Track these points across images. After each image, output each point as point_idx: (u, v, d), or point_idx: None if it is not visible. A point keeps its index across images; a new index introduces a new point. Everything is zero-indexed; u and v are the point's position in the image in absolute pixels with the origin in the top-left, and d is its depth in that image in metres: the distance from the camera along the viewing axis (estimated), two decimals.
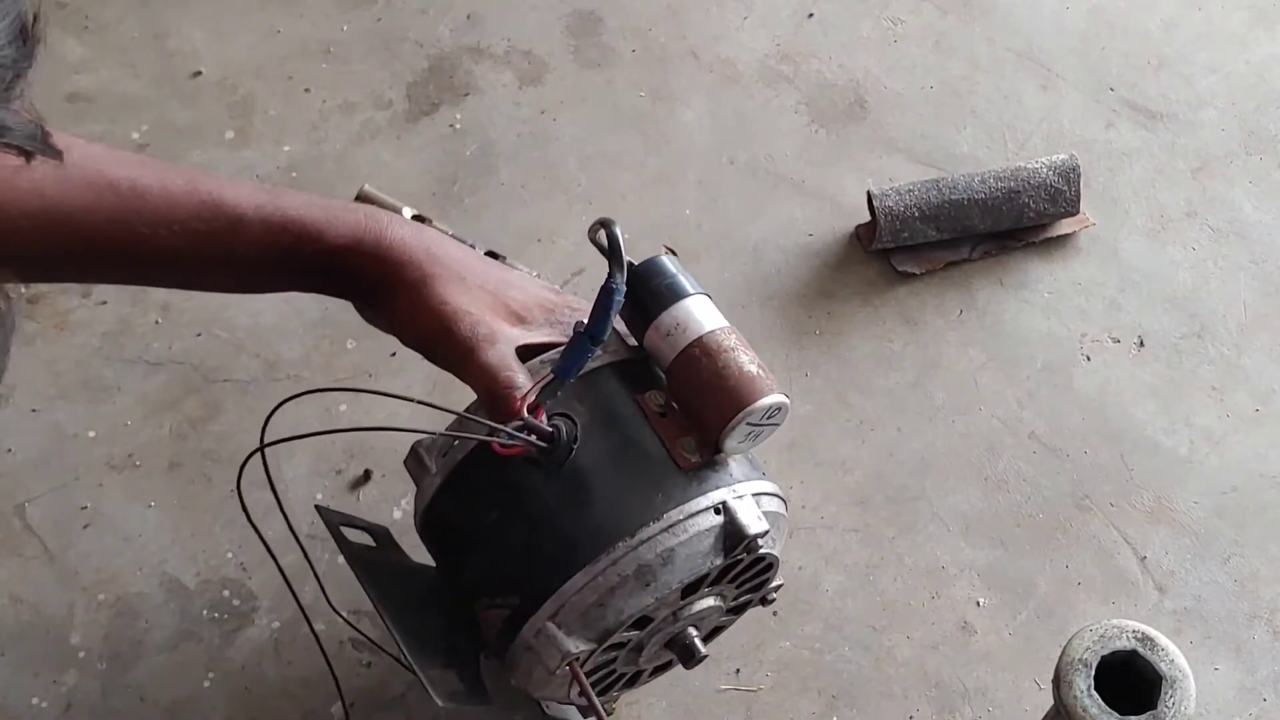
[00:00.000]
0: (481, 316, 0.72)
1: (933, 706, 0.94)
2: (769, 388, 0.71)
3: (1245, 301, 1.15)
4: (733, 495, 0.72)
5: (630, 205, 1.18)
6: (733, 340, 0.73)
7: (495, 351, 0.71)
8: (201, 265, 0.71)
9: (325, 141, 1.20)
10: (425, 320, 0.71)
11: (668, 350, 0.73)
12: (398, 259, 0.72)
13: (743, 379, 0.71)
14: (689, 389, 0.72)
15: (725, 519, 0.71)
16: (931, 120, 1.25)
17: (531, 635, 0.70)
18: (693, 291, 0.75)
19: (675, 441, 0.72)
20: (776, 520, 0.75)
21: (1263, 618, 0.98)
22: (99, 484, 1.00)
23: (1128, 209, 1.20)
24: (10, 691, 0.91)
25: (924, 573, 0.99)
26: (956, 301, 1.13)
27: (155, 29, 1.26)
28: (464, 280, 0.72)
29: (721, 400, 0.71)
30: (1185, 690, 0.74)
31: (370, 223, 0.72)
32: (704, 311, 0.74)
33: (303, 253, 0.70)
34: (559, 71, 1.26)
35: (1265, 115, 1.27)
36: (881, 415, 1.07)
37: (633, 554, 0.69)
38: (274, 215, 0.70)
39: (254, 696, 0.92)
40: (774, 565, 0.76)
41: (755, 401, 0.70)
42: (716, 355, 0.72)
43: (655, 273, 0.75)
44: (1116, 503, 1.03)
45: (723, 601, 0.77)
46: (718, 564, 0.71)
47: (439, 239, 0.75)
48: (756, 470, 0.76)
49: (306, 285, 0.74)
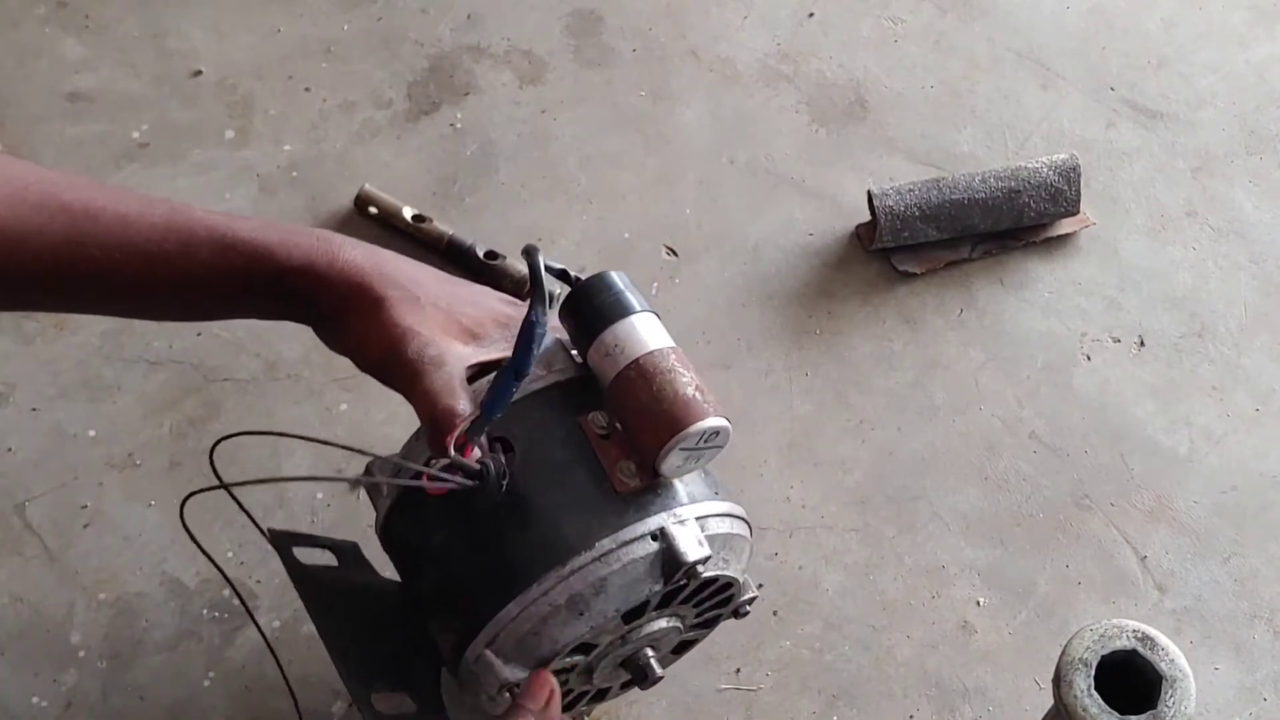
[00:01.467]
0: (431, 337, 0.70)
1: (933, 706, 0.94)
2: (705, 411, 0.69)
3: (1245, 301, 1.15)
4: (673, 520, 0.69)
5: (630, 205, 1.18)
6: (671, 361, 0.71)
7: (440, 376, 0.69)
8: (155, 290, 0.70)
9: (325, 141, 1.20)
10: (376, 343, 0.70)
11: (608, 370, 0.71)
12: (351, 281, 0.71)
13: (678, 402, 0.69)
14: (626, 411, 0.71)
15: (663, 545, 0.68)
16: (932, 120, 1.25)
17: (472, 661, 0.69)
18: (638, 309, 0.72)
19: (615, 465, 0.70)
20: (729, 541, 0.73)
21: (1263, 617, 0.98)
22: (99, 483, 1.00)
23: (1128, 208, 1.20)
24: (10, 691, 0.91)
25: (924, 572, 0.99)
26: (957, 301, 1.13)
27: (155, 28, 1.26)
28: (418, 300, 0.71)
29: (657, 424, 0.69)
30: (1185, 690, 0.74)
31: (323, 245, 0.71)
32: (646, 330, 0.72)
33: (256, 275, 0.70)
34: (559, 71, 1.27)
35: (1265, 115, 1.27)
36: (881, 415, 1.07)
37: (564, 584, 0.67)
38: (226, 236, 0.69)
39: (254, 696, 0.92)
40: (734, 585, 0.74)
41: (690, 426, 0.68)
42: (653, 378, 0.70)
43: (600, 289, 0.73)
44: (1116, 502, 1.03)
45: (680, 622, 0.75)
46: (656, 590, 0.69)
47: (393, 259, 0.74)
48: (710, 489, 0.73)
49: (264, 310, 0.73)
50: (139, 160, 1.17)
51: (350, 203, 1.15)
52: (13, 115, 1.19)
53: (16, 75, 1.22)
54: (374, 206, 1.14)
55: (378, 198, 1.14)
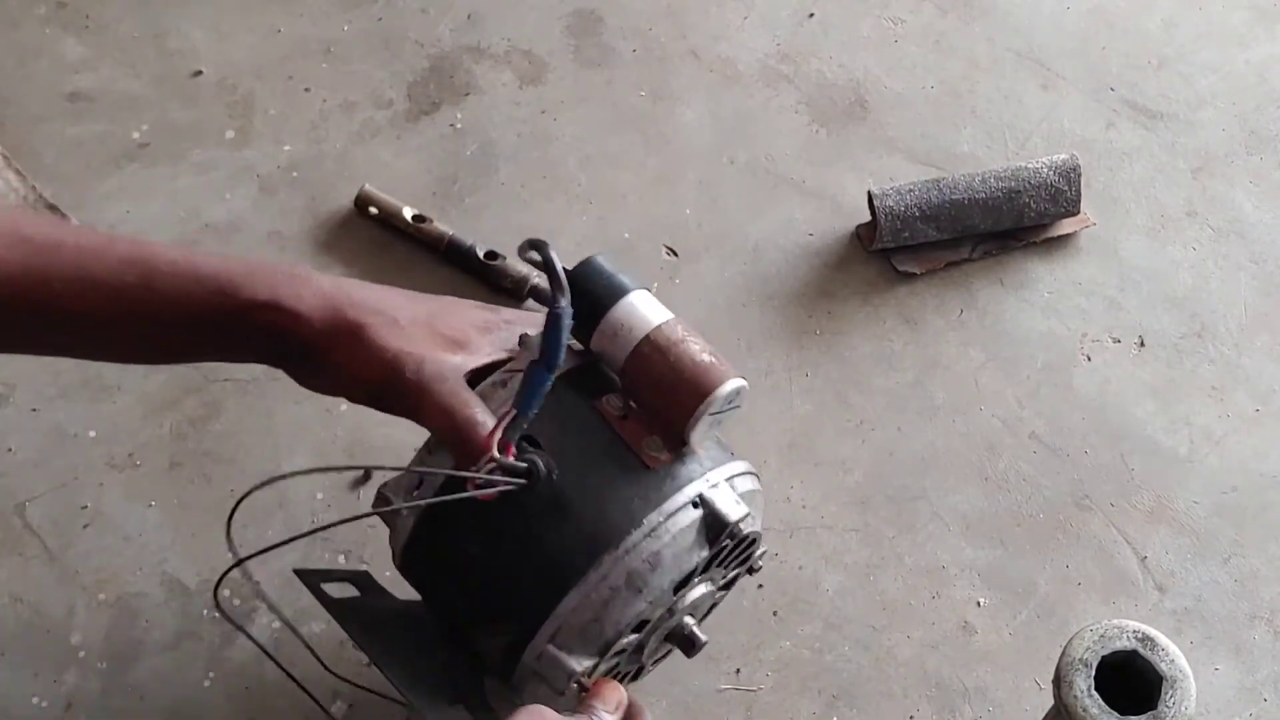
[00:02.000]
0: (423, 354, 0.70)
1: (933, 706, 0.94)
2: (725, 373, 0.71)
3: (1245, 301, 1.15)
4: (708, 485, 0.71)
5: (630, 205, 1.18)
6: (680, 331, 0.72)
7: (447, 389, 0.69)
8: (117, 326, 0.69)
9: (325, 141, 1.20)
10: (367, 372, 0.70)
11: (618, 351, 0.72)
12: (326, 313, 0.70)
13: (698, 370, 0.70)
14: (646, 388, 0.72)
15: (705, 511, 0.71)
16: (932, 120, 1.25)
17: (534, 660, 0.70)
18: (633, 287, 0.73)
19: (641, 442, 0.71)
20: (753, 497, 0.75)
21: (1263, 617, 0.98)
22: (99, 484, 1.00)
23: (1128, 209, 1.20)
24: (10, 691, 0.91)
25: (924, 572, 0.99)
26: (957, 301, 1.13)
27: (155, 28, 1.26)
28: (396, 322, 0.71)
29: (681, 395, 0.70)
30: (1185, 690, 0.74)
31: (289, 278, 0.70)
32: (647, 306, 0.73)
33: (220, 310, 0.68)
34: (559, 71, 1.27)
35: (1265, 115, 1.27)
36: (881, 415, 1.07)
37: (621, 564, 0.68)
38: (188, 270, 0.68)
39: (254, 696, 0.92)
40: (757, 539, 0.76)
41: (714, 391, 0.70)
42: (668, 350, 0.71)
43: (592, 275, 0.73)
44: (1117, 502, 1.03)
45: (713, 585, 0.77)
46: (705, 556, 0.71)
47: (361, 286, 0.73)
48: (725, 452, 0.75)
49: (233, 349, 0.72)
50: (139, 160, 1.17)
51: (350, 203, 1.15)
52: (13, 115, 1.19)
53: (16, 75, 1.22)
54: (374, 206, 1.14)
55: (378, 198, 1.14)
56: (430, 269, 1.12)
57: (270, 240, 1.13)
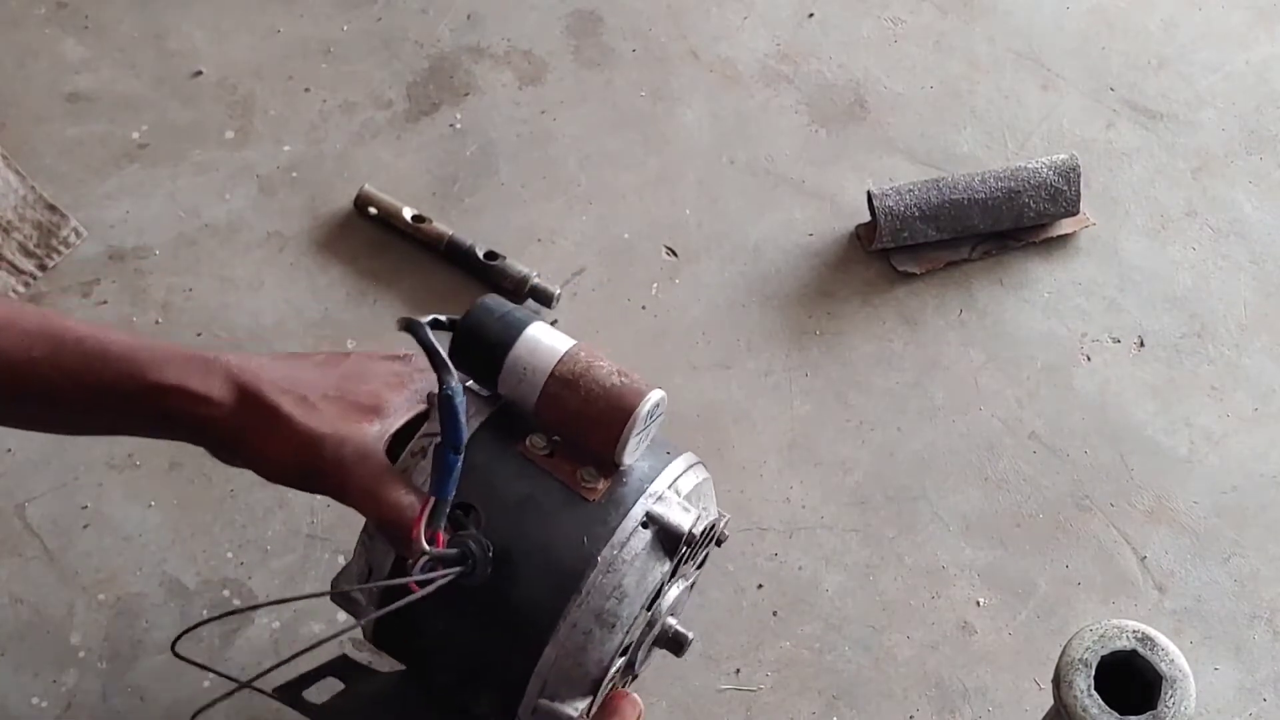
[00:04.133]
0: (339, 434, 0.68)
1: (933, 706, 0.94)
2: (639, 391, 0.69)
3: (1245, 301, 1.15)
4: (652, 500, 0.70)
5: (630, 205, 1.18)
6: (583, 359, 0.70)
7: (368, 472, 0.68)
8: (24, 399, 0.68)
9: (325, 141, 1.20)
10: (284, 456, 0.68)
11: (528, 393, 0.70)
12: (236, 399, 0.68)
13: (610, 396, 0.69)
14: (565, 423, 0.70)
15: (656, 527, 0.70)
16: (931, 120, 1.25)
17: (530, 717, 0.70)
18: (527, 323, 0.71)
19: (575, 476, 0.70)
20: (700, 489, 0.74)
21: (1263, 618, 0.98)
22: (99, 484, 1.00)
23: (1128, 209, 1.20)
24: (10, 691, 0.91)
25: (924, 573, 0.99)
26: (957, 301, 1.13)
27: (155, 29, 1.26)
28: (306, 400, 0.69)
29: (601, 425, 0.69)
30: (1185, 690, 0.74)
31: (197, 363, 0.68)
32: (545, 340, 0.71)
33: (128, 391, 0.67)
34: (559, 71, 1.27)
35: (1265, 115, 1.27)
36: (881, 415, 1.07)
37: (587, 607, 0.68)
38: (95, 350, 0.67)
39: (255, 697, 0.92)
40: (717, 524, 0.76)
41: (632, 413, 0.69)
42: (576, 384, 0.69)
43: (484, 319, 0.71)
44: (1116, 503, 1.03)
45: (686, 580, 0.77)
46: (667, 569, 0.70)
47: (268, 363, 0.70)
48: (661, 455, 0.74)
49: (145, 428, 0.70)
50: (139, 160, 1.17)
51: (350, 203, 1.15)
52: (13, 115, 1.19)
53: (16, 75, 1.22)
54: (374, 207, 1.14)
55: (378, 198, 1.14)
56: (430, 269, 1.12)
57: (270, 240, 1.13)
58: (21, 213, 1.11)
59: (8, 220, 1.10)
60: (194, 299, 1.10)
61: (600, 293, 1.13)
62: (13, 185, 1.12)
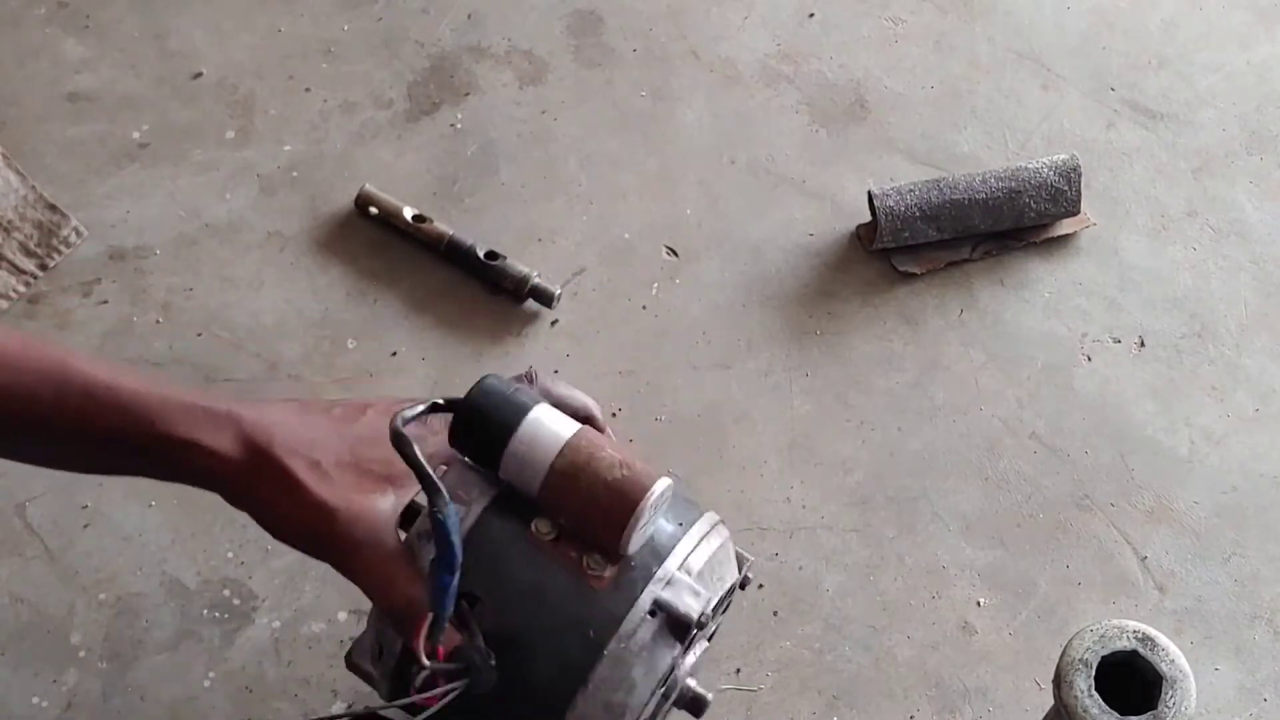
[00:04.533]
0: (352, 510, 0.66)
1: (933, 706, 0.94)
2: (643, 485, 0.67)
3: (1246, 301, 1.15)
4: (660, 587, 0.68)
5: (631, 205, 1.18)
6: (585, 449, 0.68)
7: (380, 557, 0.67)
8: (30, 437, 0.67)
9: (325, 141, 1.20)
10: (292, 523, 0.67)
11: (530, 480, 0.69)
12: (244, 455, 0.66)
13: (612, 491, 0.67)
14: (569, 512, 0.69)
15: (664, 614, 0.68)
16: (932, 120, 1.25)
17: None
18: (528, 407, 0.69)
19: (581, 563, 0.68)
20: (715, 558, 0.72)
21: (1263, 618, 0.98)
22: (99, 483, 1.00)
23: (1128, 209, 1.20)
24: (10, 691, 0.91)
25: (924, 573, 0.99)
26: (957, 301, 1.13)
27: (155, 29, 1.26)
28: (319, 466, 0.67)
29: (607, 519, 0.67)
30: (1186, 690, 0.74)
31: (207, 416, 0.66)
32: (548, 428, 0.69)
33: (137, 440, 0.66)
34: (559, 71, 1.26)
35: (1265, 115, 1.27)
36: (881, 415, 1.07)
37: (596, 700, 0.67)
38: (105, 397, 0.66)
39: (254, 696, 0.92)
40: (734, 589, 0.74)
41: (636, 508, 0.67)
42: (578, 477, 0.67)
43: (484, 403, 0.69)
44: (1117, 503, 1.03)
45: (706, 640, 0.75)
46: (677, 654, 0.69)
47: (281, 418, 0.68)
48: (674, 525, 0.71)
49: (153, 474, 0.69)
50: (139, 160, 1.17)
51: (350, 203, 1.15)
52: (13, 115, 1.19)
53: (16, 75, 1.22)
54: (374, 206, 1.14)
55: (378, 198, 1.14)
56: (430, 269, 1.12)
57: (270, 240, 1.13)
58: (22, 212, 1.11)
59: (8, 220, 1.10)
60: (194, 299, 1.10)
61: (600, 293, 1.12)
62: (13, 185, 1.12)
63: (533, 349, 1.09)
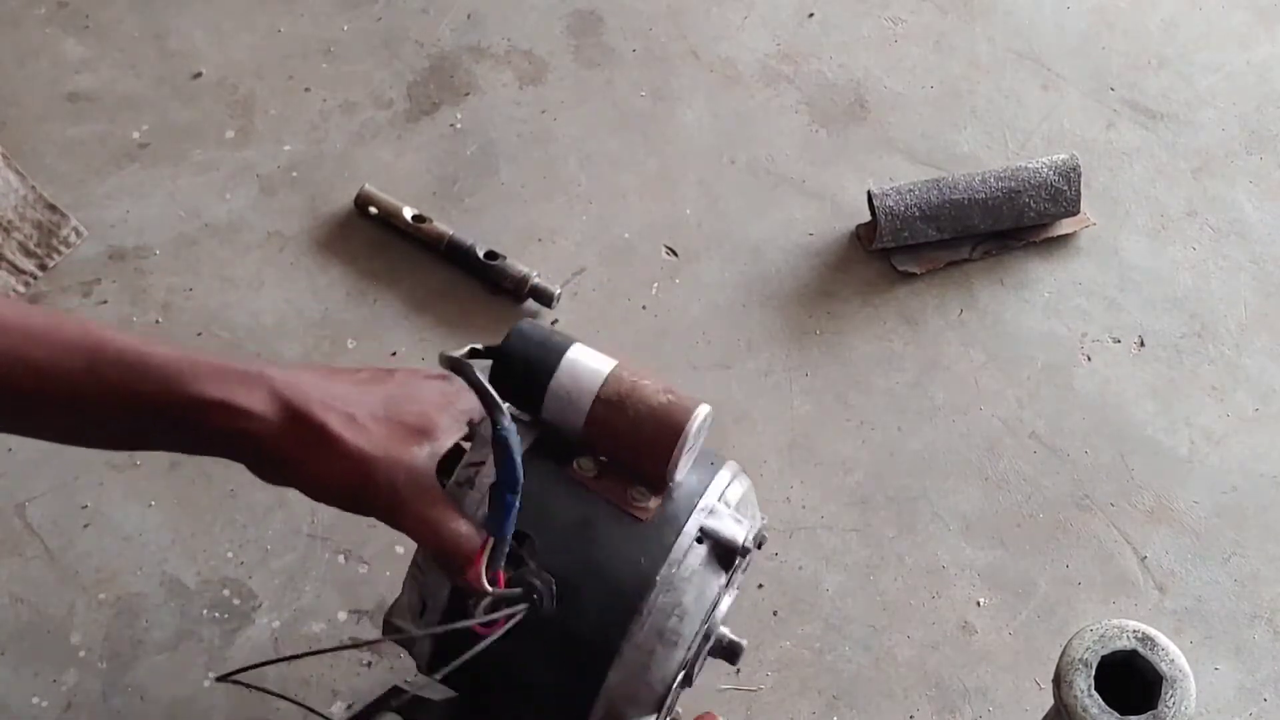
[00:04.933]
0: (391, 457, 0.67)
1: (933, 706, 0.94)
2: (688, 408, 0.69)
3: (1246, 301, 1.15)
4: (705, 515, 0.70)
5: (631, 205, 1.18)
6: (627, 379, 0.70)
7: (424, 501, 0.67)
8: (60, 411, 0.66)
9: (325, 141, 1.20)
10: (332, 478, 0.67)
11: (573, 415, 0.70)
12: (282, 414, 0.66)
13: (658, 416, 0.69)
14: (614, 444, 0.70)
15: (711, 542, 0.69)
16: (932, 120, 1.25)
17: None
18: (566, 345, 0.71)
19: (626, 497, 0.70)
20: (746, 497, 0.75)
21: (1263, 618, 0.98)
22: (99, 483, 1.00)
23: (1128, 209, 1.20)
24: (10, 691, 0.91)
25: (924, 573, 0.99)
26: (957, 301, 1.13)
27: (155, 29, 1.26)
28: (354, 419, 0.67)
29: (652, 446, 0.68)
30: (1185, 690, 0.74)
31: (240, 377, 0.66)
32: (587, 362, 0.70)
33: (168, 406, 0.65)
34: (559, 71, 1.27)
35: (1265, 115, 1.27)
36: (881, 415, 1.07)
37: (650, 627, 0.68)
38: (135, 362, 0.65)
39: (254, 696, 0.92)
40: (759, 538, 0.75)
41: (683, 431, 0.68)
42: (624, 405, 0.69)
43: (522, 345, 0.71)
44: (1117, 503, 1.03)
45: (734, 589, 0.76)
46: (723, 581, 0.70)
47: (312, 378, 0.68)
48: (707, 467, 0.73)
49: (184, 443, 0.68)
50: (139, 160, 1.18)
51: (350, 203, 1.15)
52: (13, 115, 1.19)
53: (16, 75, 1.22)
54: (374, 206, 1.14)
55: (378, 198, 1.14)
56: (430, 269, 1.12)
57: (270, 240, 1.13)
58: (22, 212, 1.11)
59: (8, 220, 1.10)
60: (194, 299, 1.10)
61: (600, 293, 1.13)
62: (13, 185, 1.12)
63: None
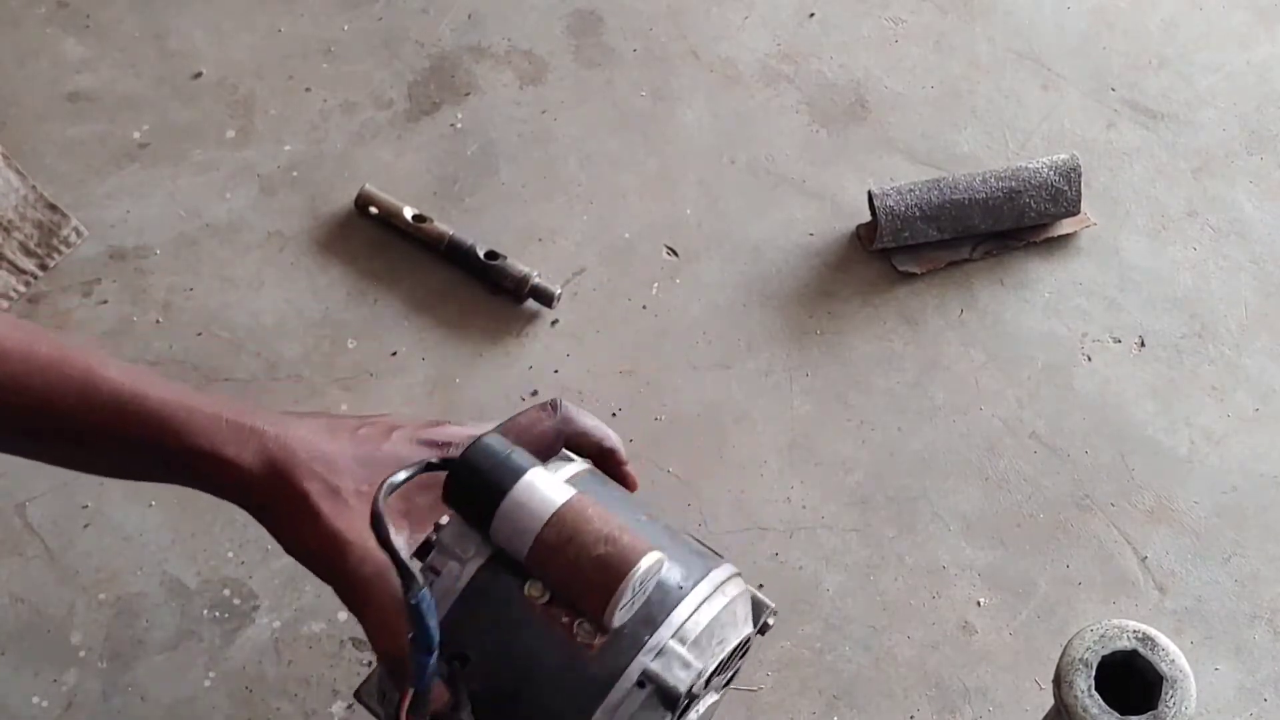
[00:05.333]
0: (365, 547, 0.66)
1: (933, 706, 0.94)
2: (628, 560, 0.65)
3: (1246, 301, 1.15)
4: (650, 657, 0.66)
5: (631, 205, 1.18)
6: (572, 520, 0.66)
7: (386, 600, 0.66)
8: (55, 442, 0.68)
9: (325, 141, 1.20)
10: (306, 549, 0.67)
11: (519, 546, 0.67)
12: (265, 471, 0.66)
13: (596, 568, 0.65)
14: (554, 580, 0.67)
15: (654, 686, 0.66)
16: (932, 120, 1.25)
17: None
18: (521, 470, 0.67)
19: (572, 628, 0.67)
20: (720, 618, 0.70)
21: (1263, 618, 0.98)
22: (99, 483, 1.00)
23: (1128, 209, 1.20)
24: (10, 691, 0.91)
25: (924, 573, 0.99)
26: (957, 301, 1.13)
27: (155, 29, 1.26)
28: (338, 493, 0.66)
29: (589, 594, 0.65)
30: (1186, 690, 0.74)
31: (231, 429, 0.67)
32: (539, 494, 0.67)
33: (158, 451, 0.67)
34: (559, 71, 1.27)
35: (1266, 115, 1.27)
36: (881, 415, 1.07)
37: None
38: (131, 406, 0.66)
39: (254, 696, 0.92)
40: (747, 641, 0.73)
41: (619, 585, 0.65)
42: (564, 549, 0.66)
43: (479, 462, 0.67)
44: (1117, 503, 1.03)
45: (716, 692, 0.73)
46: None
47: (302, 436, 0.68)
48: (676, 584, 0.68)
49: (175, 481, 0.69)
50: (139, 160, 1.18)
51: (350, 203, 1.15)
52: (13, 115, 1.19)
53: (16, 75, 1.22)
54: (374, 206, 1.14)
55: (378, 198, 1.14)
56: (430, 269, 1.12)
57: (270, 240, 1.13)
58: (22, 212, 1.11)
59: (8, 220, 1.10)
60: (194, 299, 1.10)
61: (600, 293, 1.13)
62: (13, 185, 1.12)
63: (533, 349, 1.09)
